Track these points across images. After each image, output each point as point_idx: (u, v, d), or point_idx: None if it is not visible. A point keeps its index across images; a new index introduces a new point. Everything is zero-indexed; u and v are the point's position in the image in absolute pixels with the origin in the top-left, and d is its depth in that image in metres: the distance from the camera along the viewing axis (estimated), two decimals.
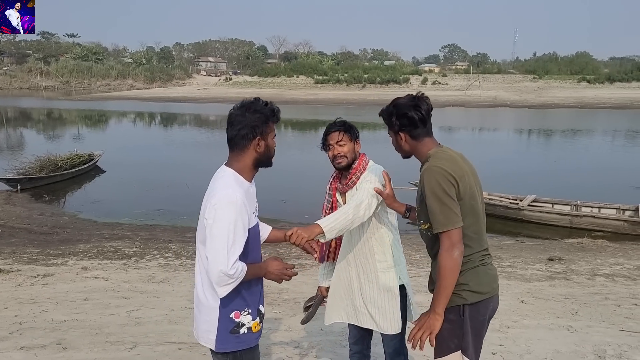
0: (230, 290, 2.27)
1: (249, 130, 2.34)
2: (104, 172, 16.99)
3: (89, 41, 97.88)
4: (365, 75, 67.78)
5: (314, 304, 3.32)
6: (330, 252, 3.24)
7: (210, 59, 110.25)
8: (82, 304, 5.53)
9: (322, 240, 2.74)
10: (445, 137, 27.95)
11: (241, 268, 2.26)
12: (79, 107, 46.48)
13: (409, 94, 2.62)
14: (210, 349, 2.45)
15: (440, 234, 2.38)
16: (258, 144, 2.37)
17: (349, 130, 3.03)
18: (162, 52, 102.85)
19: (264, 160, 2.43)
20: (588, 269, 7.43)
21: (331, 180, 3.17)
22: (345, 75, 68.78)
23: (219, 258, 2.21)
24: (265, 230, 2.74)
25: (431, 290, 2.67)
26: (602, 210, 11.27)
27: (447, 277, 2.37)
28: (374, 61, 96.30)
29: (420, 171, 2.57)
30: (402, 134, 2.56)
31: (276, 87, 65.71)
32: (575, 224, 10.89)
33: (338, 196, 3.10)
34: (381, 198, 2.91)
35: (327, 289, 3.31)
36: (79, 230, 10.09)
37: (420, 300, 5.73)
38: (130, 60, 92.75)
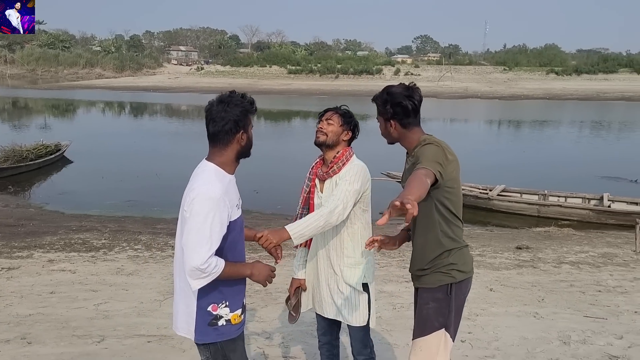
0: (203, 285, 2.27)
1: (233, 125, 2.35)
2: (72, 162, 16.63)
3: (56, 28, 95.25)
4: (339, 66, 67.74)
5: (300, 299, 3.24)
6: None
7: (182, 47, 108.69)
8: (48, 297, 5.41)
9: (293, 244, 2.77)
10: None
11: (215, 264, 2.26)
12: (46, 96, 45.38)
13: (401, 83, 2.67)
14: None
15: (421, 167, 2.35)
16: (242, 138, 2.39)
17: (344, 115, 3.05)
18: (132, 41, 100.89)
19: (245, 152, 2.46)
20: (554, 257, 7.59)
21: (314, 165, 3.17)
22: (319, 65, 68.61)
23: (193, 252, 2.22)
24: None
25: (413, 272, 2.72)
26: (569, 200, 11.54)
27: (420, 179, 2.24)
28: (347, 52, 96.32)
29: (409, 154, 2.64)
30: (392, 122, 2.61)
31: (249, 77, 65.22)
32: (542, 213, 11.12)
33: (317, 182, 3.10)
34: (357, 198, 2.90)
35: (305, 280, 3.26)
36: (46, 222, 9.86)
37: (392, 290, 5.80)
38: (98, 48, 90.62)
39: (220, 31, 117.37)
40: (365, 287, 3.02)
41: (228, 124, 2.33)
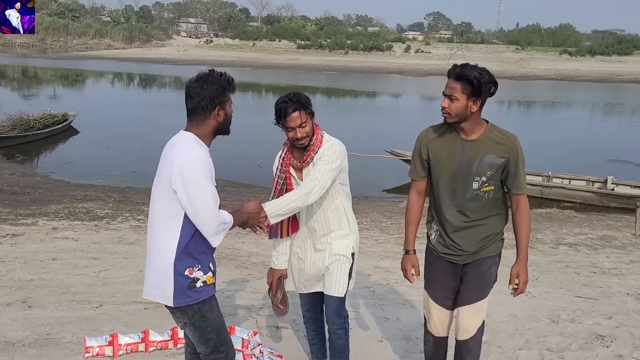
0: (222, 238, 2.48)
1: (209, 102, 2.45)
2: (79, 132, 16.72)
3: None
4: (348, 42, 67.00)
5: (285, 291, 3.26)
6: (283, 228, 3.09)
7: (191, 19, 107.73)
8: (50, 263, 5.53)
9: (269, 223, 2.82)
10: (427, 106, 27.99)
11: (227, 218, 2.48)
12: (55, 65, 45.33)
13: (467, 64, 2.72)
14: (168, 307, 2.53)
15: (521, 195, 2.81)
16: (218, 114, 2.48)
17: (307, 106, 2.87)
18: (141, 12, 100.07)
19: (223, 129, 2.56)
20: (553, 238, 7.62)
21: (282, 155, 3.05)
22: (328, 40, 67.86)
23: (210, 214, 2.38)
24: None
25: (470, 250, 2.89)
26: (573, 182, 11.51)
27: (529, 228, 2.89)
28: (357, 27, 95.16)
29: (468, 136, 2.75)
30: (477, 100, 2.64)
31: (258, 51, 64.75)
32: (545, 194, 11.10)
33: (292, 171, 3.02)
34: (336, 176, 2.90)
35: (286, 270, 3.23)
36: (51, 191, 9.99)
37: (387, 266, 5.87)
38: (108, 18, 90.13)
39: (230, 3, 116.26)
40: (353, 256, 3.09)
41: (204, 100, 2.44)
